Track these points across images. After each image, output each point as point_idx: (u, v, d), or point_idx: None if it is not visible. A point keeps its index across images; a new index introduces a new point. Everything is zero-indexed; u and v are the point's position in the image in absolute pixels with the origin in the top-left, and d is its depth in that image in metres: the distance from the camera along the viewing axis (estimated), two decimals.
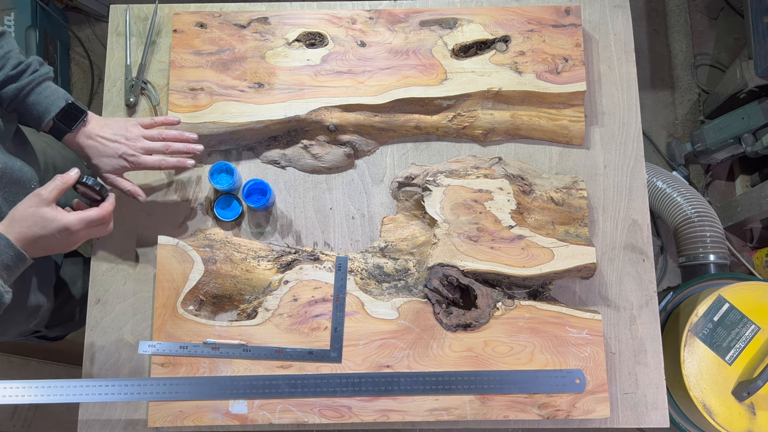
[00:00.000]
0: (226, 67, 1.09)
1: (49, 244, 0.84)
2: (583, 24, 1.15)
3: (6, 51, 0.90)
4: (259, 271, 1.04)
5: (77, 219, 0.84)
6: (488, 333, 1.00)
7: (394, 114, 1.10)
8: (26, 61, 0.92)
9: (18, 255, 0.81)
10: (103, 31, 2.20)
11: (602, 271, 1.08)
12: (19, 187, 0.91)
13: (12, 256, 0.80)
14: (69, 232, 0.84)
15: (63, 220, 0.83)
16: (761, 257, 1.93)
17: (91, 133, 0.94)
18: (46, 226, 0.82)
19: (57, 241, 0.84)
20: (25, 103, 0.91)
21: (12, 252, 0.80)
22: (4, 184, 0.88)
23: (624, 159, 1.12)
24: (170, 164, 0.98)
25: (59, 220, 0.82)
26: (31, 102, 0.91)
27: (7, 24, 1.89)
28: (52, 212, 0.82)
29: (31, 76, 0.91)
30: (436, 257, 1.01)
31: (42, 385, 0.95)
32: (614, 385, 1.04)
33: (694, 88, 2.18)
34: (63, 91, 0.94)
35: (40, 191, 0.83)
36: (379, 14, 1.12)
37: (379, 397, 0.98)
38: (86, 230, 0.86)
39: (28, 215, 0.81)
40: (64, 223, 0.83)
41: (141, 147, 0.95)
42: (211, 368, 0.99)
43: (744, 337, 1.25)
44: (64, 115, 0.92)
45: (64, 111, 0.92)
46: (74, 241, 0.87)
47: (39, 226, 0.81)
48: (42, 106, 0.91)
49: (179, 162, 0.99)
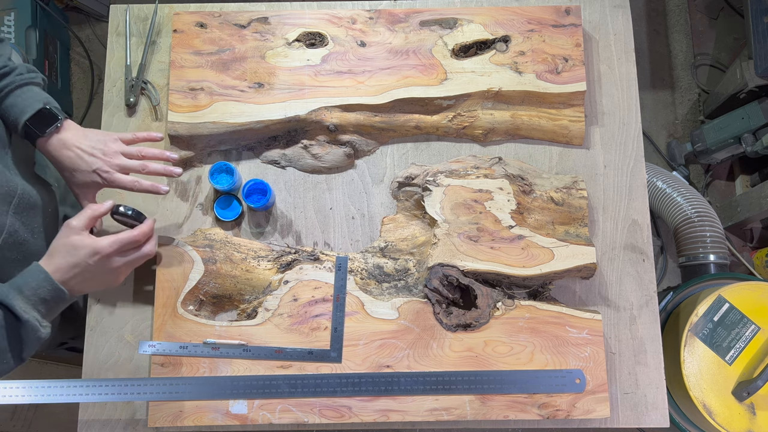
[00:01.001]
0: (226, 67, 1.09)
1: (87, 274, 0.82)
2: (583, 24, 1.15)
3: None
4: (259, 271, 1.04)
5: (108, 242, 0.82)
6: (488, 333, 1.00)
7: (394, 114, 1.10)
8: (12, 65, 0.89)
9: (55, 289, 0.79)
10: (103, 31, 2.20)
11: (602, 271, 1.08)
12: (36, 210, 0.90)
13: (49, 290, 0.79)
14: (101, 256, 0.82)
15: (93, 244, 0.81)
16: (761, 257, 1.93)
17: (67, 143, 0.90)
18: (77, 253, 0.81)
19: (93, 269, 0.82)
20: (3, 105, 0.89)
21: (49, 285, 0.79)
22: (22, 208, 0.87)
23: (624, 159, 1.12)
24: (143, 187, 0.93)
25: (88, 244, 0.81)
26: (8, 104, 0.88)
27: (7, 24, 1.89)
28: (80, 238, 0.81)
29: (13, 78, 0.88)
30: (436, 257, 1.01)
31: (42, 385, 0.95)
32: (614, 385, 1.04)
33: (694, 88, 2.18)
34: (45, 95, 0.91)
35: (71, 222, 0.82)
36: (379, 14, 1.12)
37: (379, 397, 0.98)
38: (121, 255, 0.84)
39: (60, 246, 0.81)
40: (94, 246, 0.81)
41: (117, 164, 0.91)
42: (211, 368, 0.99)
43: (744, 337, 1.25)
44: (37, 119, 0.88)
45: (38, 114, 0.88)
46: (112, 269, 0.85)
47: (70, 254, 0.80)
48: (18, 108, 0.88)
49: (153, 186, 0.94)
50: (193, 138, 1.08)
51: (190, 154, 1.09)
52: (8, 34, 1.90)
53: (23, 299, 0.77)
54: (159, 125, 1.12)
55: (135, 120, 1.12)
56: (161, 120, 1.12)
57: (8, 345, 0.77)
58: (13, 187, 0.86)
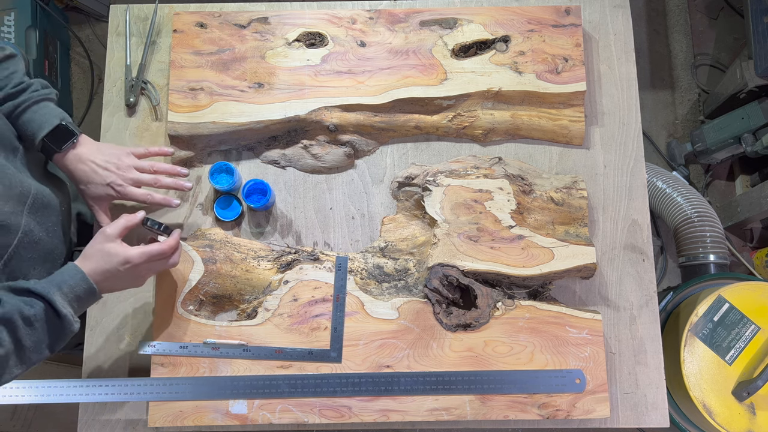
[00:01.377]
0: (226, 67, 1.09)
1: (116, 278, 0.87)
2: (583, 24, 1.15)
3: (11, 72, 0.91)
4: (259, 271, 1.04)
5: (138, 253, 0.87)
6: (488, 333, 1.00)
7: (394, 114, 1.10)
8: (28, 81, 0.93)
9: (90, 288, 0.84)
10: (103, 31, 2.20)
11: (602, 271, 1.08)
12: (50, 210, 0.93)
13: (85, 289, 0.83)
14: (131, 265, 0.86)
15: (125, 253, 0.86)
16: (761, 257, 1.93)
17: (82, 157, 0.94)
18: (111, 260, 0.85)
19: (122, 275, 0.87)
20: (20, 121, 0.92)
21: (85, 285, 0.83)
22: (36, 208, 0.90)
23: (624, 159, 1.12)
24: (156, 200, 0.99)
25: (121, 253, 0.85)
26: (25, 119, 0.92)
27: (7, 24, 1.89)
28: (115, 247, 0.86)
29: (30, 95, 0.92)
30: (436, 257, 1.01)
31: (42, 385, 0.95)
32: (614, 385, 1.04)
33: (694, 88, 2.18)
34: (60, 111, 0.94)
35: (106, 229, 0.86)
36: (379, 14, 1.12)
37: (379, 397, 0.98)
38: (148, 264, 0.89)
39: (95, 251, 0.85)
40: (126, 256, 0.85)
41: (130, 178, 0.96)
42: (211, 368, 0.99)
43: (744, 337, 1.25)
44: (54, 135, 0.92)
45: (55, 130, 0.92)
46: (139, 275, 0.89)
47: (104, 261, 0.85)
48: (36, 124, 0.91)
49: (165, 200, 1.00)
50: (193, 138, 1.08)
51: (190, 154, 1.10)
52: (8, 34, 1.90)
53: (62, 295, 0.81)
54: (159, 125, 1.12)
55: (135, 120, 1.12)
56: (161, 120, 1.12)
57: (46, 336, 0.80)
58: (27, 188, 0.89)
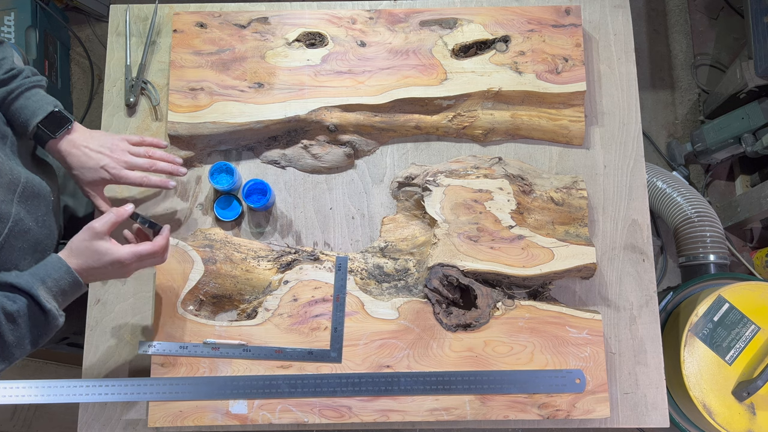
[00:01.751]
0: (226, 67, 1.09)
1: (103, 274, 0.86)
2: (583, 24, 1.15)
3: (1, 58, 0.91)
4: (259, 271, 1.04)
5: (129, 253, 0.85)
6: (488, 333, 1.00)
7: (394, 114, 1.10)
8: (19, 67, 0.92)
9: (75, 282, 0.83)
10: (103, 31, 2.20)
11: (602, 271, 1.08)
12: (40, 199, 0.92)
13: (70, 282, 0.82)
14: (121, 264, 0.85)
15: (116, 253, 0.84)
16: (761, 257, 1.93)
17: (76, 143, 0.94)
18: (100, 258, 0.84)
19: (109, 272, 0.86)
20: (12, 107, 0.91)
21: (70, 279, 0.82)
22: (26, 196, 0.89)
23: (624, 159, 1.12)
24: (152, 182, 0.98)
25: (112, 253, 0.84)
26: (18, 106, 0.91)
27: (7, 24, 1.89)
28: (105, 245, 0.84)
29: (21, 81, 0.91)
30: (436, 257, 1.01)
31: (42, 385, 0.95)
32: (614, 385, 1.04)
33: (694, 88, 2.18)
34: (52, 99, 0.94)
35: (94, 224, 0.84)
36: (379, 14, 1.12)
37: (379, 397, 0.98)
38: (138, 263, 0.88)
39: (83, 248, 0.84)
40: (117, 256, 0.84)
41: (124, 161, 0.95)
42: (211, 368, 0.99)
43: (744, 337, 1.25)
44: (49, 121, 0.91)
45: (49, 117, 0.91)
46: (127, 272, 0.89)
47: (93, 259, 0.83)
48: (29, 111, 0.91)
49: (162, 181, 0.98)
50: (193, 138, 1.08)
51: (190, 154, 1.09)
52: (8, 34, 1.90)
53: (46, 289, 0.80)
54: (159, 125, 1.12)
55: (135, 120, 1.12)
56: (161, 120, 1.12)
57: (29, 332, 0.80)
58: (17, 176, 0.87)
